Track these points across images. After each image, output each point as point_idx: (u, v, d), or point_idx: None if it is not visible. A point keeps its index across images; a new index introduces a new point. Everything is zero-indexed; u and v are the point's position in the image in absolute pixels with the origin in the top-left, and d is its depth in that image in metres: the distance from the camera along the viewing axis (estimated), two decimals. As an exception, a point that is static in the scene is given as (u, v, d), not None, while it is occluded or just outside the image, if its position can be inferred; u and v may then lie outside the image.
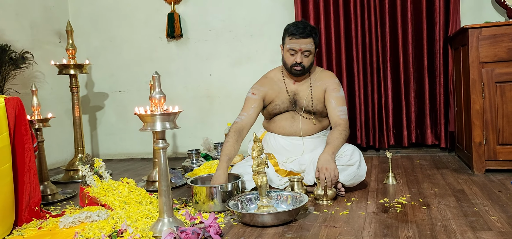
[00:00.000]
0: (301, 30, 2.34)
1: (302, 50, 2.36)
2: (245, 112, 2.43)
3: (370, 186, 2.43)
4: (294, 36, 2.35)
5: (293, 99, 2.47)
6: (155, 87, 1.70)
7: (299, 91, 2.47)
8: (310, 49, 2.37)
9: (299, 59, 2.37)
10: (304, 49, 2.36)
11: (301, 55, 2.37)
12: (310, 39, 2.36)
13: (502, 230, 1.65)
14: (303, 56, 2.37)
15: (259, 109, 2.47)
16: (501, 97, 2.54)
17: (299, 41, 2.35)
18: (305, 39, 2.35)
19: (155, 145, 1.73)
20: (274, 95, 2.48)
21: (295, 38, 2.35)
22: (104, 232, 1.77)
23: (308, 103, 2.45)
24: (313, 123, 2.47)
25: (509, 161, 2.54)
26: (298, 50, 2.36)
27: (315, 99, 2.45)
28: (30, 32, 3.52)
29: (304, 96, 2.46)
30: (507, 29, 2.52)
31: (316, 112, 2.47)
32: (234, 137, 2.34)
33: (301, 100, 2.46)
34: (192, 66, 3.84)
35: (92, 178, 2.26)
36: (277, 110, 2.49)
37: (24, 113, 2.05)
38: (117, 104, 4.05)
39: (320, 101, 2.46)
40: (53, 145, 3.59)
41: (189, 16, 3.79)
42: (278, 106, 2.48)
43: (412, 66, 3.28)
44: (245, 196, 2.08)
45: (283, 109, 2.49)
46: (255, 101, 2.44)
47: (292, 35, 2.36)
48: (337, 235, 1.69)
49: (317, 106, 2.46)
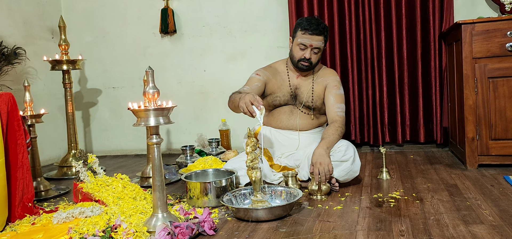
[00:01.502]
0: (314, 26, 2.34)
1: (313, 47, 2.37)
2: (247, 86, 2.40)
3: (364, 181, 2.44)
4: (307, 31, 2.35)
5: (294, 93, 2.49)
6: (148, 82, 1.70)
7: (301, 86, 2.49)
8: (320, 46, 2.39)
9: (308, 55, 2.38)
10: (314, 46, 2.37)
11: (311, 52, 2.38)
12: (322, 37, 2.37)
13: (494, 223, 1.67)
14: (313, 53, 2.39)
15: (261, 90, 2.44)
16: (493, 93, 2.56)
17: (312, 37, 2.35)
18: (317, 36, 2.35)
19: (149, 140, 1.73)
20: (276, 86, 2.49)
21: (308, 34, 2.35)
22: (98, 227, 1.76)
23: (308, 98, 2.46)
24: (311, 118, 2.48)
25: (502, 156, 2.56)
26: (309, 45, 2.37)
27: (315, 96, 2.47)
28: (23, 27, 3.50)
29: (305, 91, 2.47)
30: (500, 24, 2.53)
31: (315, 108, 2.48)
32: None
33: (301, 95, 2.48)
34: (186, 62, 3.83)
35: (85, 173, 2.25)
36: (277, 102, 2.50)
37: (16, 109, 2.04)
38: (110, 100, 4.03)
39: (320, 97, 2.47)
40: (46, 141, 3.57)
41: (183, 12, 3.78)
42: (278, 98, 2.49)
43: (406, 63, 3.29)
44: (239, 191, 2.08)
45: (283, 102, 2.50)
46: (259, 81, 2.43)
47: (305, 30, 2.35)
48: (331, 229, 1.70)
49: (316, 102, 2.47)
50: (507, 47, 2.51)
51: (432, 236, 1.57)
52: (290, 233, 1.68)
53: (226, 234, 1.71)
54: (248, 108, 2.02)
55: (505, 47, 2.52)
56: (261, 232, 1.70)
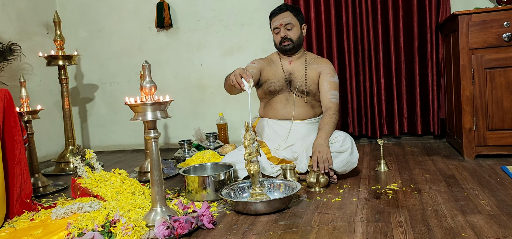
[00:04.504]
0: (277, 8, 2.55)
1: (283, 25, 2.50)
2: None
3: (362, 173, 2.45)
4: (273, 16, 2.55)
5: (288, 78, 2.54)
6: (145, 76, 1.69)
7: (295, 71, 2.55)
8: (290, 21, 2.50)
9: (282, 33, 2.50)
10: (284, 23, 2.49)
11: (284, 29, 2.50)
12: (287, 13, 2.51)
13: (491, 213, 1.67)
14: (286, 29, 2.51)
15: (257, 76, 2.52)
16: (490, 83, 2.56)
17: (278, 17, 2.52)
18: (282, 14, 2.51)
19: (147, 134, 1.72)
20: (271, 73, 2.55)
21: (274, 17, 2.54)
22: (97, 222, 1.76)
23: (302, 83, 2.50)
24: (304, 101, 2.52)
25: (499, 146, 2.57)
26: (280, 25, 2.51)
27: (309, 80, 2.50)
28: (17, 23, 3.47)
29: (299, 76, 2.53)
30: (497, 15, 2.53)
31: (309, 93, 2.51)
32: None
33: (295, 80, 2.52)
34: (182, 57, 3.81)
35: (83, 169, 2.24)
36: (272, 88, 2.53)
37: (12, 105, 2.03)
38: (107, 96, 4.01)
39: (314, 82, 2.51)
40: (43, 137, 3.56)
41: (179, 6, 3.76)
42: (273, 84, 2.53)
43: (403, 54, 3.29)
44: (237, 184, 2.09)
45: (278, 88, 2.53)
46: (254, 68, 2.52)
47: (272, 16, 2.57)
48: (329, 221, 1.70)
49: (310, 86, 2.50)
50: (504, 38, 2.51)
51: (431, 227, 1.57)
52: (289, 225, 1.68)
53: (225, 227, 1.71)
54: (236, 80, 2.13)
55: (502, 38, 2.52)
56: (260, 225, 1.70)
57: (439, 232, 1.52)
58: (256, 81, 2.53)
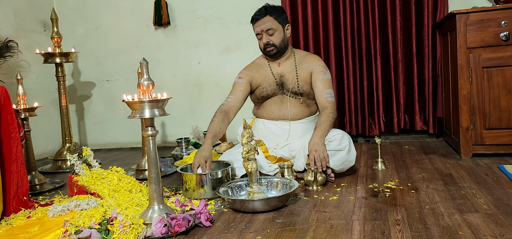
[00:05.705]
0: (256, 14, 2.46)
1: (263, 31, 2.43)
2: (232, 95, 2.49)
3: (359, 171, 2.45)
4: (253, 22, 2.47)
5: (280, 81, 2.50)
6: (143, 74, 1.69)
7: (285, 73, 2.50)
8: (271, 26, 2.43)
9: (265, 40, 2.44)
10: (265, 29, 2.43)
11: (266, 35, 2.44)
12: (267, 18, 2.42)
13: (488, 212, 1.68)
14: (268, 35, 2.44)
15: (246, 92, 2.51)
16: (488, 83, 2.57)
17: (258, 24, 2.45)
18: (262, 20, 2.43)
19: (144, 132, 1.72)
20: (261, 79, 2.52)
21: (254, 23, 2.47)
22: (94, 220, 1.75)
23: (294, 84, 2.47)
24: (300, 102, 2.50)
25: (496, 145, 2.58)
26: (261, 32, 2.44)
27: (301, 80, 2.47)
28: (14, 20, 3.46)
29: (290, 77, 2.49)
30: (494, 14, 2.54)
31: (303, 94, 2.49)
32: (220, 116, 2.40)
33: (287, 82, 2.49)
34: (180, 54, 3.81)
35: (80, 166, 2.24)
36: (265, 93, 2.51)
37: (9, 102, 2.02)
38: (104, 93, 4.00)
39: (306, 82, 2.47)
40: (40, 135, 3.54)
41: (177, 3, 3.75)
42: (265, 90, 2.51)
43: (401, 53, 3.30)
44: (235, 182, 2.09)
45: (271, 92, 2.51)
46: (242, 85, 2.49)
47: (252, 21, 2.48)
48: (327, 219, 1.70)
49: (303, 87, 2.47)
50: (501, 37, 2.52)
51: (428, 225, 1.58)
52: (287, 223, 1.68)
53: (223, 225, 1.71)
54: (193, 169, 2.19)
55: (499, 37, 2.53)
56: (258, 223, 1.70)
57: (436, 230, 1.53)
58: (247, 94, 2.53)
